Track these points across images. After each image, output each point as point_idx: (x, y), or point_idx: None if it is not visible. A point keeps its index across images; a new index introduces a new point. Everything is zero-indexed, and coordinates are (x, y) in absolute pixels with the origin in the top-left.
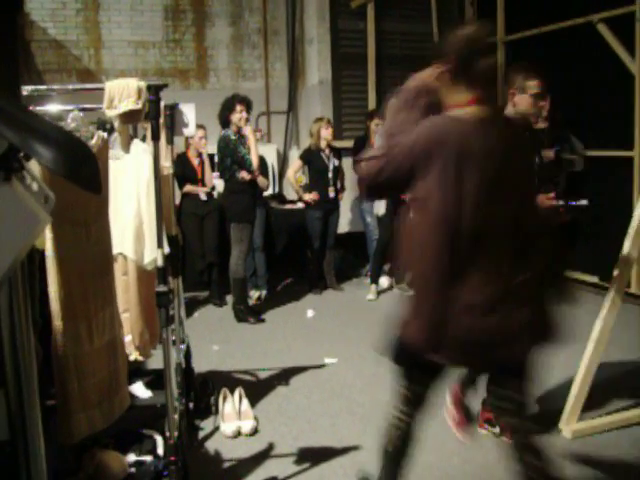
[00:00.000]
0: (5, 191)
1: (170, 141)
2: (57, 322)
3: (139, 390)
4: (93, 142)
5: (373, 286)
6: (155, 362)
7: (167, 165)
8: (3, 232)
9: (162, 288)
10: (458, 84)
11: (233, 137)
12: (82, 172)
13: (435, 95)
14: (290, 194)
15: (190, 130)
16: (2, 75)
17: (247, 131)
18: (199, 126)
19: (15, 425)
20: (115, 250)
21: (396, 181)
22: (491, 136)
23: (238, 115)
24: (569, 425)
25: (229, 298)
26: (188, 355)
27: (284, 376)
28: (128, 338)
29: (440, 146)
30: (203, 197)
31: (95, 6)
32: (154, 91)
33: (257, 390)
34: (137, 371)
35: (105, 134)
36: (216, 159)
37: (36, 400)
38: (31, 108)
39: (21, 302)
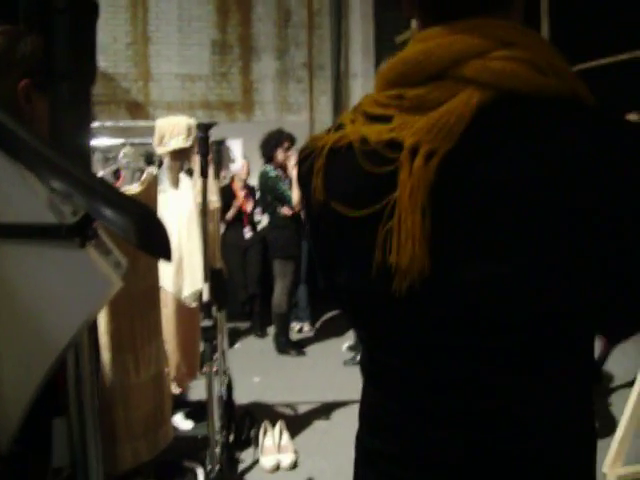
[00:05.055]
0: (80, 257)
1: (217, 176)
2: (105, 354)
3: (180, 421)
4: (143, 178)
5: None
6: (194, 393)
7: (214, 199)
8: (76, 297)
9: (207, 322)
10: None
11: (272, 174)
12: (154, 242)
13: None
14: None
15: (236, 165)
16: (74, 127)
17: (293, 167)
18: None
19: (76, 452)
20: None
21: None
22: None
23: (284, 153)
24: (614, 469)
25: (270, 329)
26: (230, 387)
27: (325, 410)
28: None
29: None
30: (247, 235)
31: (144, 40)
32: (203, 129)
33: (297, 423)
34: (177, 402)
35: (154, 170)
36: (257, 194)
37: (97, 428)
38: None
39: (86, 361)
